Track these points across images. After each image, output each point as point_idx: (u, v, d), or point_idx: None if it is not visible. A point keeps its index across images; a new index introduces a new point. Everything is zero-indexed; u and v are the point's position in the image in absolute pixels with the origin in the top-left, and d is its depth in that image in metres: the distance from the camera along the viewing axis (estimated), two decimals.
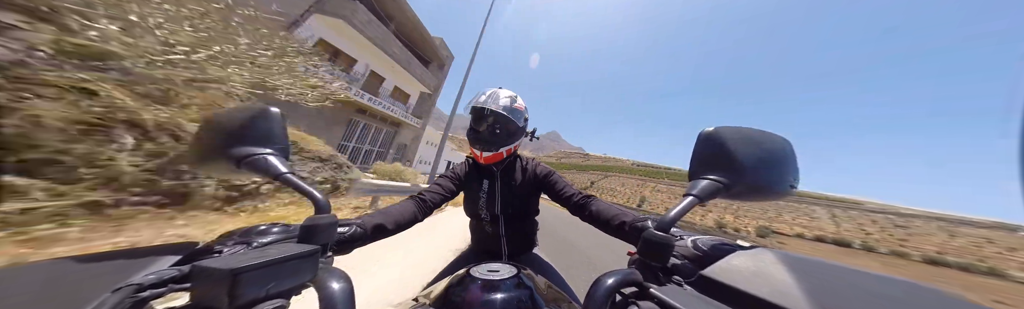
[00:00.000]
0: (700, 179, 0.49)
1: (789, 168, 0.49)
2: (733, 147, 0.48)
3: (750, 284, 0.35)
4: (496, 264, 0.73)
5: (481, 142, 1.12)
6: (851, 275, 0.35)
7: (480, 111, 1.09)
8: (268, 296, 0.35)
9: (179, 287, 0.35)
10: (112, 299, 0.30)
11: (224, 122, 0.54)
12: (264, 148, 0.51)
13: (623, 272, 0.43)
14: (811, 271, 0.36)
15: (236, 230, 0.52)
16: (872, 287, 0.32)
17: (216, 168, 0.54)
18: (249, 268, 0.33)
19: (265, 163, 0.50)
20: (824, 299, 0.31)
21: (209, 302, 0.32)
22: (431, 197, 1.04)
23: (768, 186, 0.48)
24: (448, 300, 0.60)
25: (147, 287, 0.33)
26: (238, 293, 0.32)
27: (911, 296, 0.31)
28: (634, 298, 0.40)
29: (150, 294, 0.33)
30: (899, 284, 0.32)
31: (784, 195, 0.49)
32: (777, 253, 0.41)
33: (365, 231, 0.69)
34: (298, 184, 0.50)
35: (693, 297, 0.37)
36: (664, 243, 0.44)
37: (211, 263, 0.34)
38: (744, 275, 0.37)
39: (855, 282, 0.33)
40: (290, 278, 0.38)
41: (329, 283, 0.41)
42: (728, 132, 0.50)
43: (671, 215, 0.46)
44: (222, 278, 0.32)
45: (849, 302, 0.30)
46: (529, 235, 1.34)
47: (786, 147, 0.50)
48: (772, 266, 0.37)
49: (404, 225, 0.86)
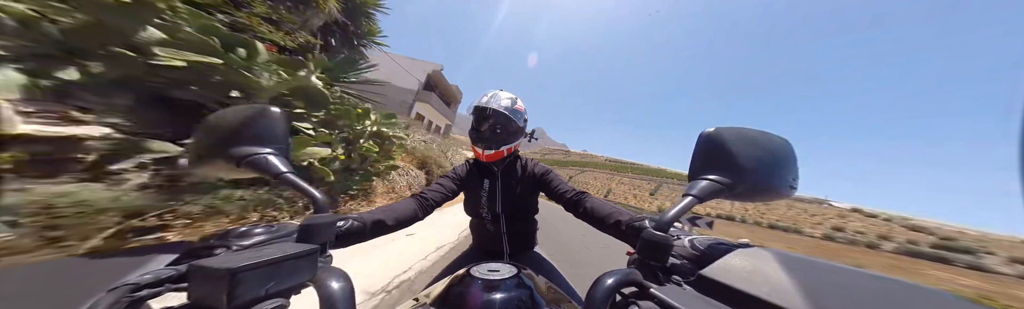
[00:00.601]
0: (700, 179, 0.49)
1: (789, 169, 0.50)
2: (733, 148, 0.48)
3: (749, 284, 0.35)
4: (496, 264, 0.73)
5: (482, 141, 1.15)
6: (849, 275, 0.35)
7: (482, 111, 1.12)
8: (267, 295, 0.35)
9: (176, 287, 0.35)
10: (107, 299, 0.29)
11: (225, 122, 0.52)
12: (264, 147, 0.51)
13: (623, 272, 0.42)
14: (809, 270, 0.36)
15: (233, 229, 0.50)
16: (870, 287, 0.32)
17: (216, 167, 0.53)
18: (247, 268, 0.32)
19: (265, 162, 0.49)
20: (822, 299, 0.31)
21: (207, 302, 0.32)
22: (432, 196, 1.05)
23: (768, 187, 0.48)
24: (448, 300, 0.61)
25: (143, 286, 0.32)
26: (237, 293, 0.32)
27: (909, 296, 0.31)
28: (634, 298, 0.40)
29: (147, 293, 0.32)
30: (898, 284, 0.32)
31: (784, 196, 0.49)
32: (775, 252, 0.41)
33: (363, 226, 0.69)
34: (298, 183, 0.49)
35: (693, 297, 0.37)
36: (663, 243, 0.45)
37: (209, 262, 0.33)
38: (743, 275, 0.37)
39: (853, 282, 0.34)
40: (289, 277, 0.37)
41: (329, 282, 0.40)
42: (728, 133, 0.50)
43: (669, 215, 0.46)
44: (220, 278, 0.31)
45: (847, 302, 0.30)
46: (530, 234, 1.37)
47: (786, 148, 0.50)
48: (770, 265, 0.37)
49: (404, 222, 0.87)
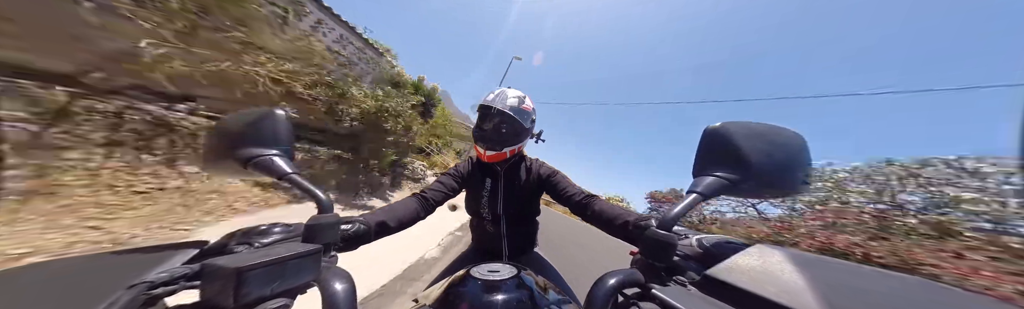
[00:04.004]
0: (705, 176, 0.47)
1: (801, 164, 0.47)
2: (740, 143, 0.46)
3: (756, 284, 0.34)
4: (496, 264, 0.72)
5: (485, 140, 1.10)
6: (865, 274, 0.34)
7: (487, 109, 1.08)
8: (273, 295, 0.35)
9: (190, 285, 0.35)
10: (126, 296, 0.30)
11: (232, 124, 0.54)
12: (270, 149, 0.51)
13: (625, 272, 0.41)
14: (822, 270, 0.35)
15: (253, 228, 0.52)
16: (886, 287, 0.31)
17: (225, 169, 0.54)
18: (253, 267, 0.33)
19: (271, 164, 0.50)
20: (835, 299, 0.29)
21: (216, 300, 0.32)
22: (433, 195, 1.04)
23: (778, 183, 0.46)
24: (448, 300, 0.60)
25: (159, 284, 0.33)
26: (243, 291, 0.32)
27: (927, 296, 0.30)
28: (636, 299, 0.39)
29: (162, 291, 0.33)
30: (915, 283, 0.31)
31: (796, 192, 0.47)
32: (785, 252, 0.39)
33: (369, 229, 0.69)
34: (302, 184, 0.50)
35: (696, 298, 0.36)
36: (666, 242, 0.43)
37: (218, 261, 0.34)
38: (750, 275, 0.36)
39: (869, 282, 0.32)
40: (293, 277, 0.38)
41: (331, 283, 0.41)
42: (735, 127, 0.48)
43: (673, 213, 0.44)
44: (227, 276, 0.32)
45: (860, 303, 0.29)
46: (530, 235, 1.34)
47: (798, 142, 0.47)
48: (779, 265, 0.36)
49: (407, 223, 0.86)
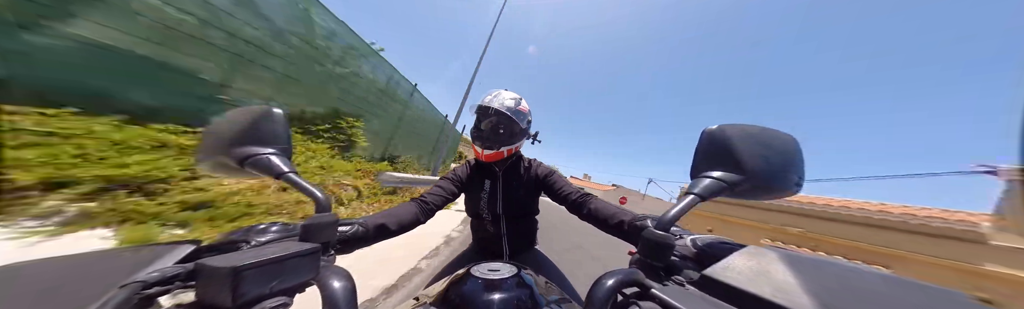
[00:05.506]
0: (702, 178, 0.48)
1: (795, 166, 0.49)
2: (737, 145, 0.48)
3: (753, 284, 0.34)
4: (497, 263, 0.73)
5: (483, 140, 1.13)
6: (855, 275, 0.34)
7: (485, 110, 1.11)
8: (271, 294, 0.35)
9: (185, 284, 0.35)
10: (120, 295, 0.30)
11: (229, 123, 0.54)
12: (267, 148, 0.51)
13: (624, 272, 0.41)
14: (814, 270, 0.35)
15: (238, 228, 0.51)
16: (881, 288, 0.31)
17: (220, 168, 0.54)
18: (250, 266, 0.33)
19: (268, 163, 0.50)
20: (828, 299, 0.30)
21: (213, 299, 0.32)
22: (432, 199, 1.05)
23: (773, 184, 0.47)
24: (449, 299, 0.60)
25: (152, 284, 0.33)
26: (241, 291, 0.32)
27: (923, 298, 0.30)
28: (635, 298, 0.40)
29: (156, 291, 0.33)
30: (912, 285, 0.32)
31: (789, 194, 0.48)
32: (779, 252, 0.40)
33: (367, 231, 0.69)
34: (299, 183, 0.50)
35: (695, 297, 0.37)
36: (664, 242, 0.44)
37: (214, 261, 0.34)
38: (747, 275, 0.36)
39: (863, 282, 0.33)
40: (292, 276, 0.38)
41: (331, 282, 0.41)
42: (732, 130, 0.49)
43: (671, 214, 0.45)
44: (224, 276, 0.32)
45: (856, 303, 0.30)
46: (530, 234, 1.35)
47: (792, 145, 0.49)
48: (774, 265, 0.37)
49: (406, 226, 0.86)
